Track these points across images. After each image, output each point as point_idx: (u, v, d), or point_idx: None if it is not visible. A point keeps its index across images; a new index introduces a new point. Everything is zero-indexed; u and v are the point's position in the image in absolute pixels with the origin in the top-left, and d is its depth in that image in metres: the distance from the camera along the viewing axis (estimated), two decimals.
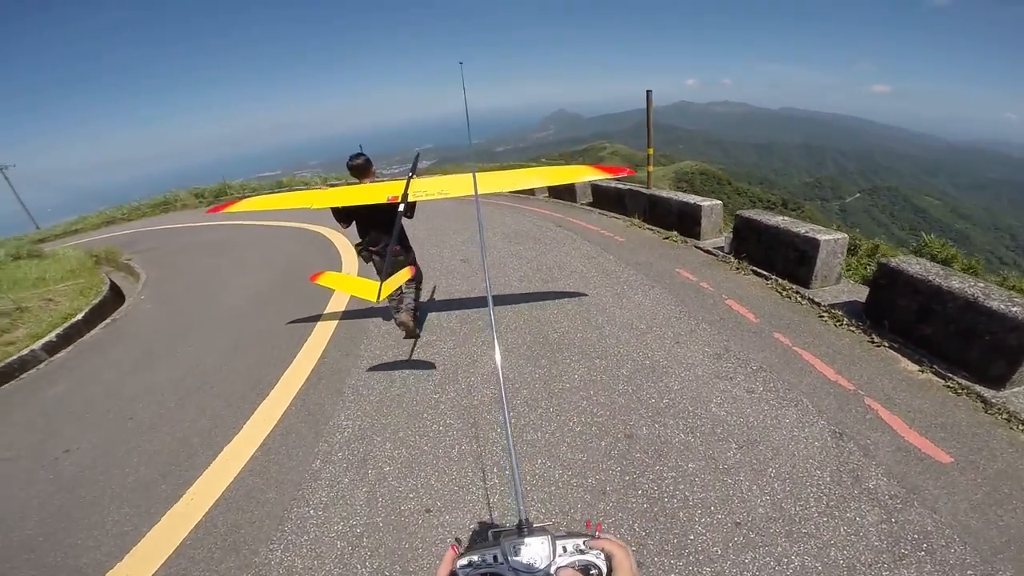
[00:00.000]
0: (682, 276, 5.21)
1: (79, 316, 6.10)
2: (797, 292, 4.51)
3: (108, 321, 6.36)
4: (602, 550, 0.68)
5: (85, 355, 5.31)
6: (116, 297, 7.40)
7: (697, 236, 6.35)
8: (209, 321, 5.65)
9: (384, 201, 3.56)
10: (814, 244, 4.40)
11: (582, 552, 0.67)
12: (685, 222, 6.53)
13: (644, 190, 7.52)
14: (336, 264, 7.12)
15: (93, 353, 5.32)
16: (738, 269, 5.25)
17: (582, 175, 4.30)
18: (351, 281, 3.63)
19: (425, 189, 3.64)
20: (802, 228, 4.62)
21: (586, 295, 4.85)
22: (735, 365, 3.46)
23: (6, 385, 4.72)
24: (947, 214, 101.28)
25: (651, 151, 7.83)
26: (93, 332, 6.00)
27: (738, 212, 5.50)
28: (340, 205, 3.70)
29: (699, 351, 3.69)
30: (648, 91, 7.05)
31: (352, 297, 5.25)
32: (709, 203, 6.37)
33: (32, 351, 5.28)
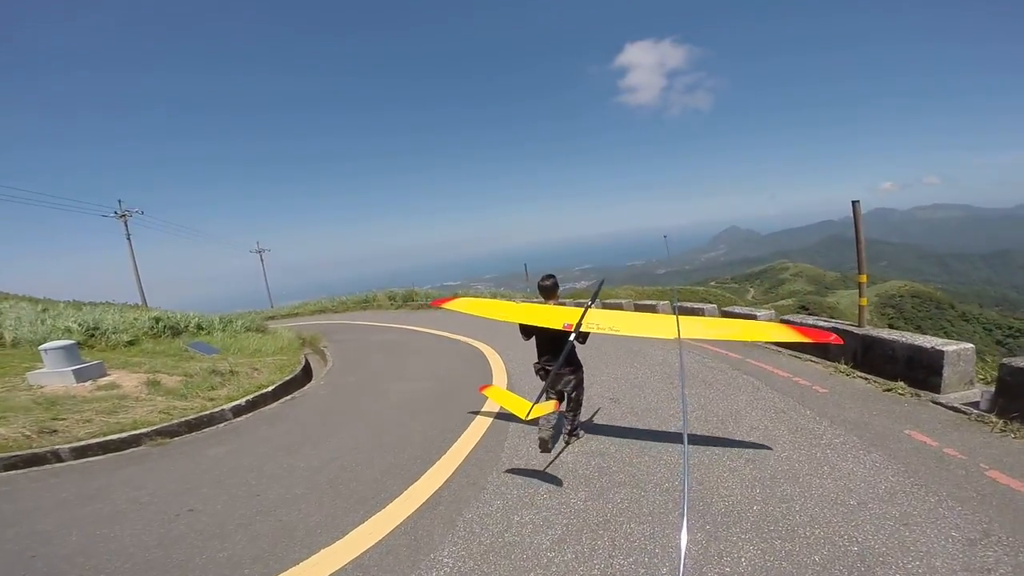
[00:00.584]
0: (915, 439, 3.83)
1: (269, 388, 7.07)
2: None
3: (289, 397, 7.28)
4: None
5: (258, 424, 6.03)
6: (306, 376, 8.60)
7: (936, 389, 4.75)
8: (365, 417, 5.96)
9: (559, 327, 3.80)
10: None
11: None
12: (916, 371, 4.99)
13: (855, 328, 6.06)
14: (487, 377, 7.24)
15: (265, 424, 6.00)
16: (1004, 431, 3.78)
17: (776, 335, 3.88)
18: (510, 397, 4.04)
19: (599, 322, 3.77)
20: None
21: (770, 451, 3.84)
22: (999, 554, 2.44)
23: (189, 435, 5.61)
24: None
25: (863, 278, 6.19)
26: (273, 405, 6.87)
27: (1005, 360, 4.09)
28: (525, 322, 4.11)
29: (940, 535, 2.65)
30: (855, 202, 5.73)
31: (505, 415, 5.13)
32: (955, 347, 4.77)
33: (222, 410, 6.22)
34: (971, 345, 4.84)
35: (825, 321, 6.32)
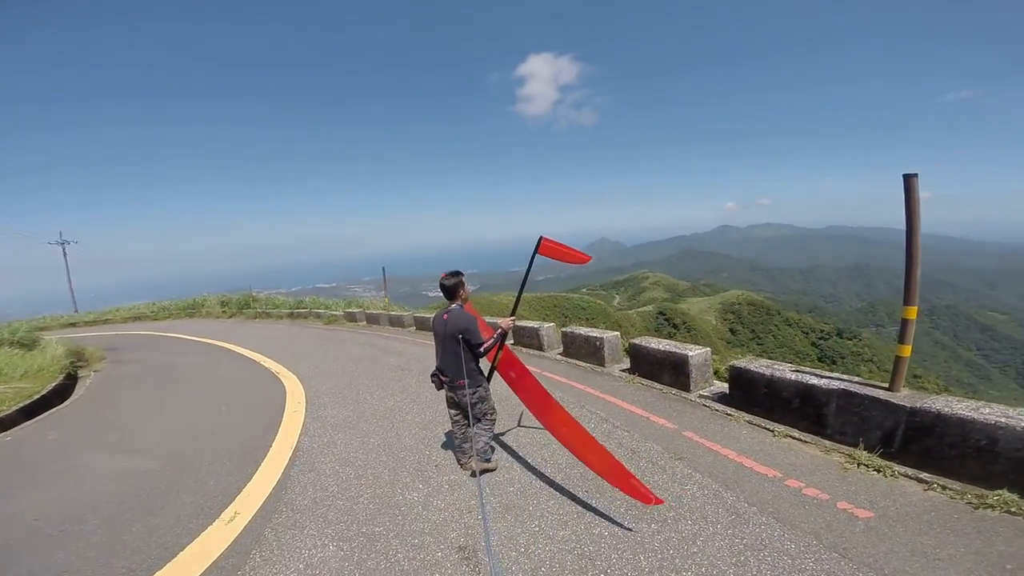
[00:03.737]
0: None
1: None
2: None
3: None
4: None
5: None
6: (41, 408, 7.05)
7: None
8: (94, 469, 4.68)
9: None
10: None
11: None
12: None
13: (888, 395, 3.79)
14: (279, 393, 6.18)
15: None
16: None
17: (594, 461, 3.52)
18: None
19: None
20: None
21: None
22: None
23: None
24: (1016, 329, 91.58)
25: (912, 312, 4.48)
26: None
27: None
28: None
29: None
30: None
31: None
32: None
33: None
34: None
35: (860, 385, 3.94)
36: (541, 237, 3.92)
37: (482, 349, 3.57)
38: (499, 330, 3.71)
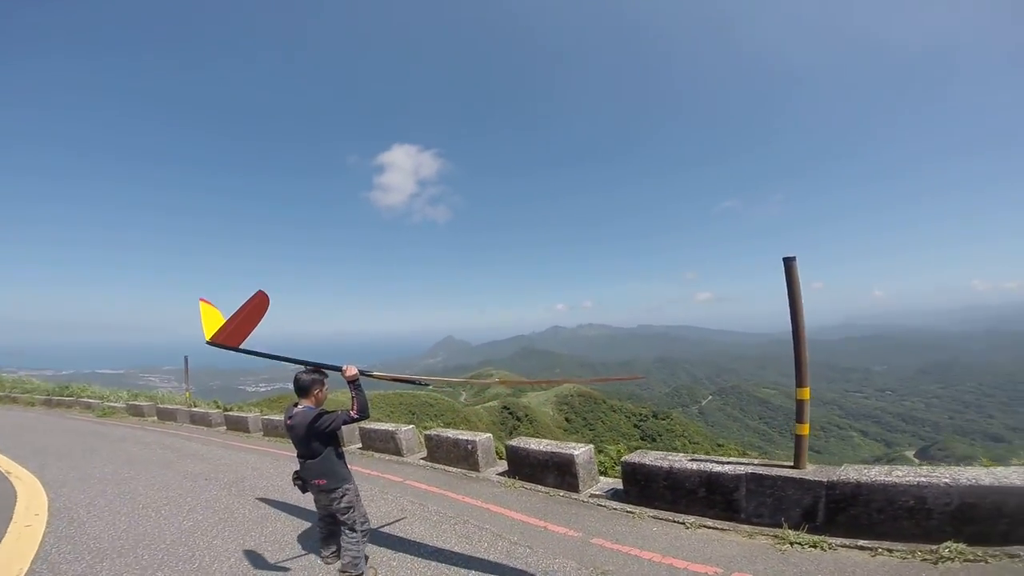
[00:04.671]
0: None
1: None
2: None
3: None
4: None
5: None
6: None
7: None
8: None
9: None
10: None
11: None
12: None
13: (794, 472, 3.71)
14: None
15: None
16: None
17: None
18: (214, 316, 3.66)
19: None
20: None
21: None
22: None
23: None
24: (785, 400, 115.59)
25: (805, 393, 3.72)
26: None
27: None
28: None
29: None
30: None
31: None
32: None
33: None
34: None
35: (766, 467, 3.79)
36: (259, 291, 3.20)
37: (339, 423, 3.14)
38: (350, 383, 3.19)
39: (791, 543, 3.40)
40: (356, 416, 3.13)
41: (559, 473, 5.06)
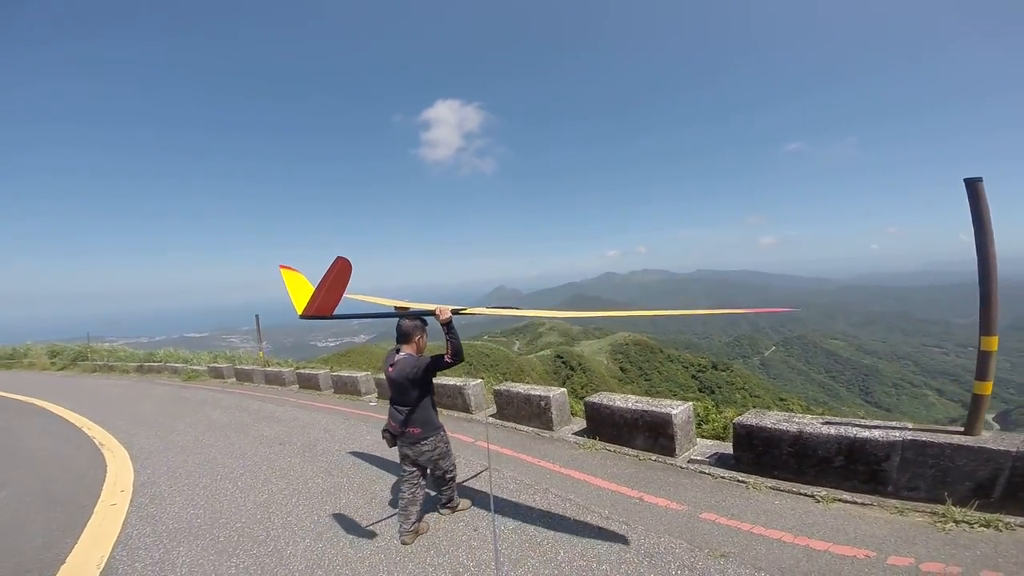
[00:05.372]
0: None
1: None
2: None
3: None
4: None
5: None
6: None
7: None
8: None
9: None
10: None
11: None
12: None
13: (967, 439, 3.02)
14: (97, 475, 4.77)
15: None
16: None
17: None
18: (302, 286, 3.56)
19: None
20: None
21: None
22: None
23: None
24: (854, 353, 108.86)
25: (994, 343, 2.96)
26: None
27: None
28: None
29: None
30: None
31: None
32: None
33: None
34: None
35: (931, 433, 3.12)
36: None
37: (437, 368, 3.13)
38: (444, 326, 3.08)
39: (955, 521, 2.85)
40: (450, 361, 3.05)
41: (651, 434, 4.53)
